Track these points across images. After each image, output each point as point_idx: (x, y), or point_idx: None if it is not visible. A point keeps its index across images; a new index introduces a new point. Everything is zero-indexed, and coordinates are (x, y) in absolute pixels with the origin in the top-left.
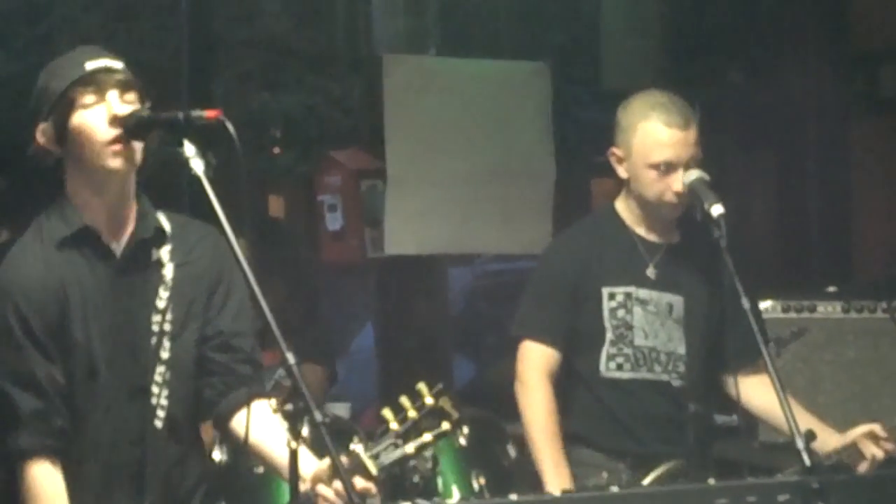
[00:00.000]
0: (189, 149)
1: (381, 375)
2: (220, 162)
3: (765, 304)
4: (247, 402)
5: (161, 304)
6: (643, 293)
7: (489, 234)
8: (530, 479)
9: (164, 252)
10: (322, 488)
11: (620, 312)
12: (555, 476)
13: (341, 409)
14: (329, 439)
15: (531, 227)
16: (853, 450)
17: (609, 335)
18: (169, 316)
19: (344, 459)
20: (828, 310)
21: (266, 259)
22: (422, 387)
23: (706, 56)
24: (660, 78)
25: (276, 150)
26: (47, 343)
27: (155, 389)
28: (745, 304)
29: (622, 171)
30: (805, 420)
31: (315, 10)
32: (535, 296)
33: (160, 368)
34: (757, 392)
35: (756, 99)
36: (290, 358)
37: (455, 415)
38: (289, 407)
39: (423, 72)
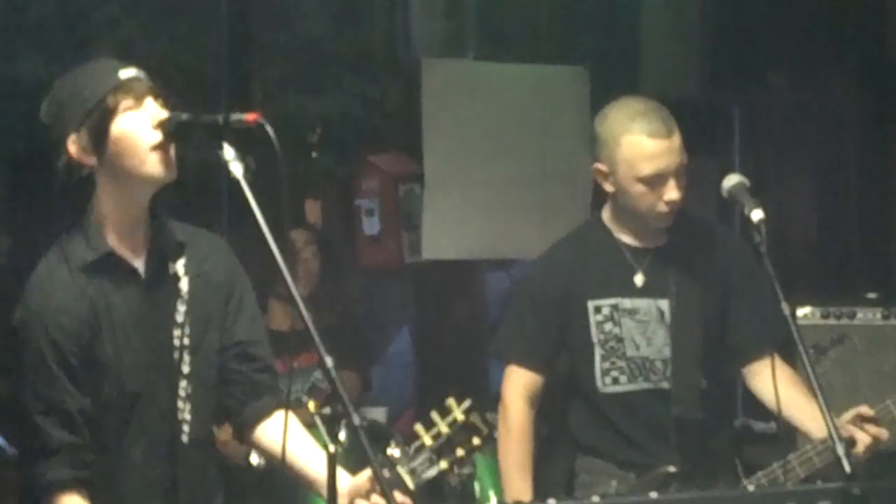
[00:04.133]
0: (228, 152)
1: (418, 380)
2: (259, 165)
3: (804, 311)
4: (271, 412)
5: (179, 318)
6: (629, 303)
7: (527, 238)
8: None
9: (180, 265)
10: (362, 503)
11: (608, 326)
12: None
13: (378, 414)
14: (368, 443)
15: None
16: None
17: (599, 350)
18: (187, 330)
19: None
20: (868, 316)
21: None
22: (451, 402)
23: (746, 60)
24: (699, 82)
25: (314, 153)
26: (79, 371)
27: (180, 405)
28: (786, 309)
29: (608, 186)
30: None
31: (354, 14)
32: (518, 316)
33: (182, 383)
34: (767, 386)
35: (796, 103)
36: (329, 361)
37: (485, 430)
38: (326, 410)
39: (461, 75)
